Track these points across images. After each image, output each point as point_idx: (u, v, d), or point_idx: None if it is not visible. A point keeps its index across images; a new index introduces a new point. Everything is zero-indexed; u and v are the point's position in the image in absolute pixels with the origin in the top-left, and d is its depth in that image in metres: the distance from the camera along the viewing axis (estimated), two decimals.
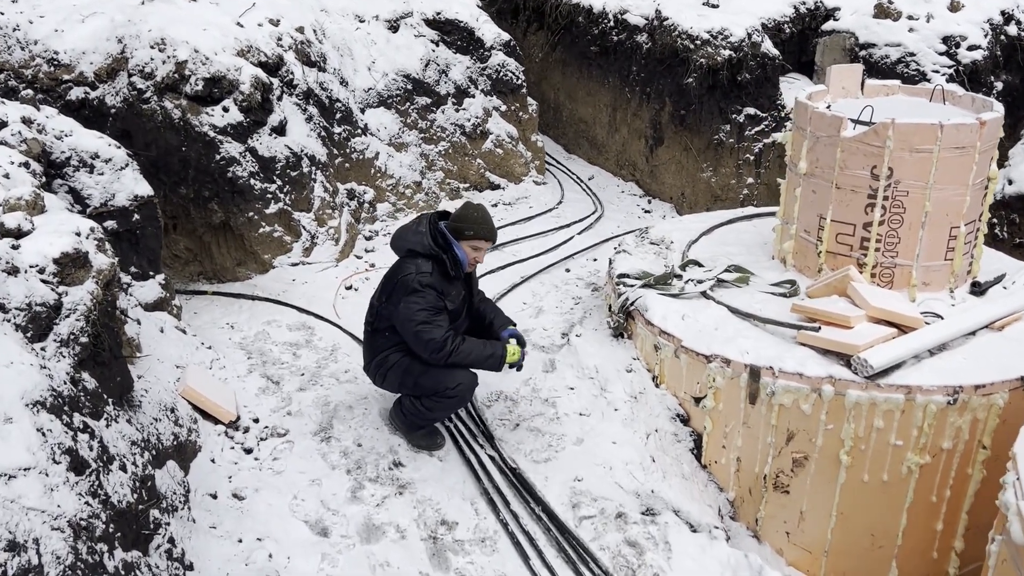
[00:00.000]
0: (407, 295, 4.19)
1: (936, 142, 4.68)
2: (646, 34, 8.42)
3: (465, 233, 4.28)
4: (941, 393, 4.22)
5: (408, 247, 4.31)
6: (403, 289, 4.21)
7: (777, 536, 4.73)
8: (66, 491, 2.33)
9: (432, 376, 4.30)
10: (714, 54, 7.71)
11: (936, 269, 5.01)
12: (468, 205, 4.37)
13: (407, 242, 4.32)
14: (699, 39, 7.80)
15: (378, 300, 4.46)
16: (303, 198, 6.48)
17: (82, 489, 2.46)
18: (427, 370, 4.32)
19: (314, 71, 7.04)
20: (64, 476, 2.38)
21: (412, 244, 4.28)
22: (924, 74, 7.59)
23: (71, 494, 2.35)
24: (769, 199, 7.88)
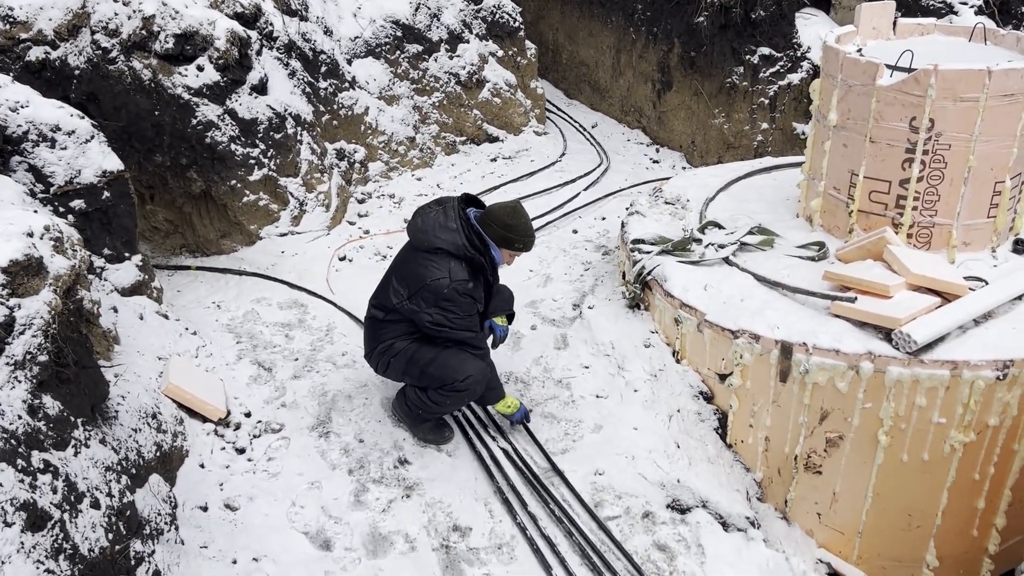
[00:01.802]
0: (440, 301, 3.80)
1: (983, 90, 4.25)
2: None
3: (515, 245, 3.93)
4: (990, 368, 3.90)
5: (437, 245, 3.81)
6: (434, 295, 3.79)
7: (808, 517, 4.47)
8: (20, 561, 1.99)
9: (440, 366, 3.94)
10: None
11: (978, 228, 4.63)
12: (514, 212, 3.90)
13: (436, 239, 3.81)
14: None
15: (395, 296, 3.95)
16: (289, 162, 6.03)
17: (42, 550, 2.12)
18: (435, 358, 3.95)
19: (295, 20, 6.50)
20: (17, 541, 2.04)
21: (443, 243, 3.79)
22: (951, 6, 7.06)
23: (27, 563, 2.01)
24: (784, 146, 7.43)
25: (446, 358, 3.95)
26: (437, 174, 7.38)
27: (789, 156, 6.48)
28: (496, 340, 4.31)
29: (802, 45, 7.39)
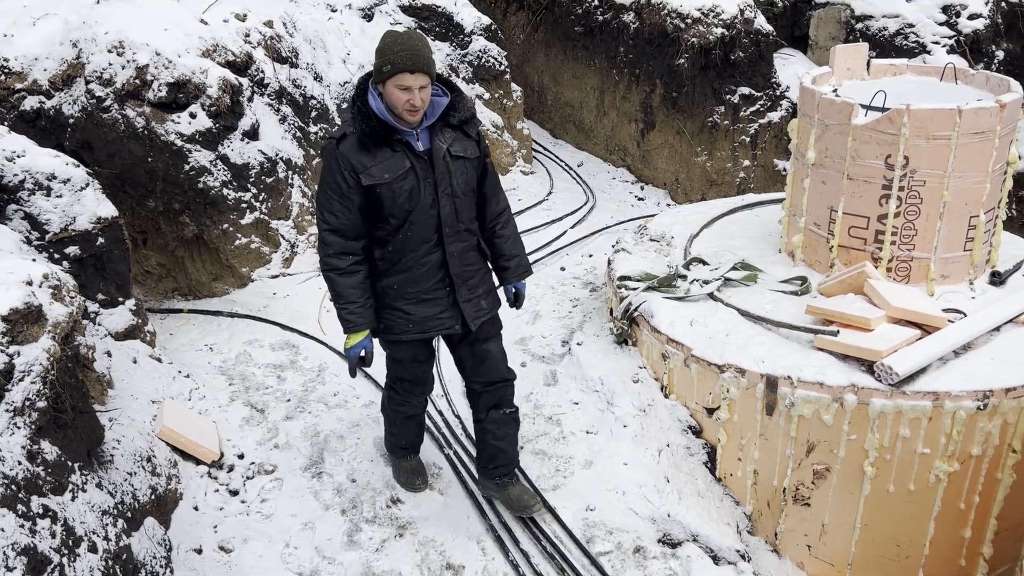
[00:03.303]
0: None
1: (954, 128, 4.39)
2: (633, 13, 8.05)
3: (383, 70, 3.01)
4: (971, 398, 3.98)
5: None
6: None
7: (798, 550, 4.51)
8: None
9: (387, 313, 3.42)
10: (706, 32, 7.37)
11: (955, 261, 4.74)
12: (385, 33, 3.13)
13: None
14: (689, 17, 7.45)
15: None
16: (280, 205, 6.12)
17: None
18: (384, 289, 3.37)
19: (286, 67, 6.64)
20: None
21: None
22: (924, 46, 7.30)
23: None
24: (766, 182, 7.59)
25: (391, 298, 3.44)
26: None
27: (771, 192, 6.62)
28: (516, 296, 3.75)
29: (781, 84, 7.59)
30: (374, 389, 4.96)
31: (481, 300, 3.51)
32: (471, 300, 3.46)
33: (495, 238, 3.57)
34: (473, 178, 3.36)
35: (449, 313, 3.43)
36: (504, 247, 3.58)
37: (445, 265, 3.32)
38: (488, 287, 3.57)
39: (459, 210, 3.30)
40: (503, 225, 3.57)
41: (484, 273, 3.55)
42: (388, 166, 3.11)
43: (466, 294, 3.43)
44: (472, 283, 3.46)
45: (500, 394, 3.75)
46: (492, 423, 3.76)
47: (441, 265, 3.32)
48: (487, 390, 3.72)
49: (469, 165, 3.31)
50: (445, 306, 3.42)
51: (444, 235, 3.27)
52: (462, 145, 3.28)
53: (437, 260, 3.31)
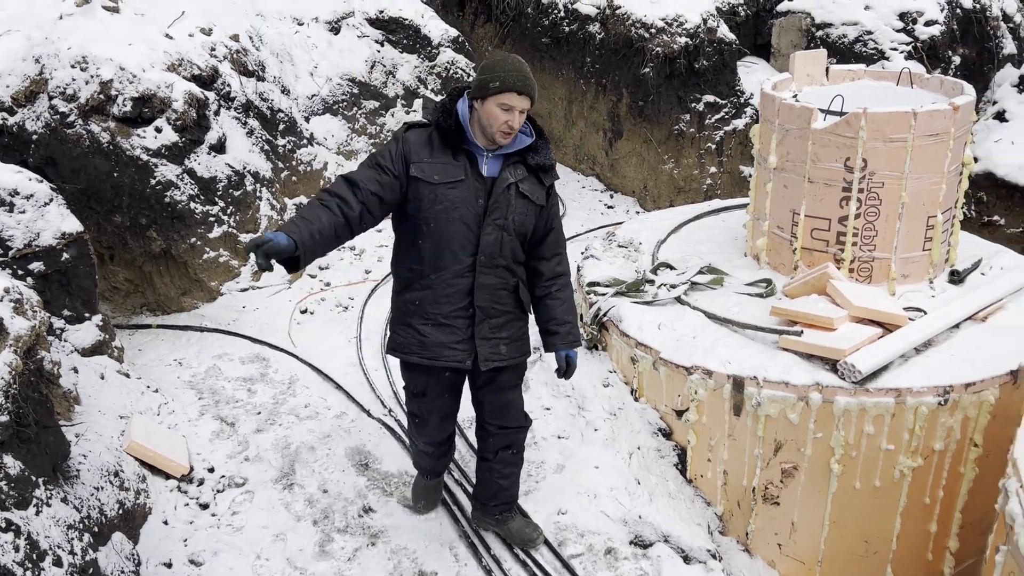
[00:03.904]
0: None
1: (910, 130, 4.50)
2: (598, 24, 8.15)
3: (489, 86, 2.97)
4: (932, 394, 4.06)
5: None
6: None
7: (768, 549, 4.55)
8: None
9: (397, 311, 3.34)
10: (670, 42, 7.47)
11: (915, 260, 4.84)
12: (492, 53, 3.23)
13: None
14: (653, 27, 7.56)
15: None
16: (249, 218, 6.11)
17: None
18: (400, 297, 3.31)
19: (252, 81, 6.64)
20: None
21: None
22: (883, 52, 7.46)
23: None
24: (732, 188, 7.70)
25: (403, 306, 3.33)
26: None
27: (736, 198, 6.72)
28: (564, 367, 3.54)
29: (745, 92, 7.71)
30: (345, 400, 4.96)
31: (501, 345, 3.33)
32: (490, 340, 3.28)
33: (549, 299, 3.40)
34: (530, 224, 3.22)
35: (464, 346, 3.25)
36: (557, 311, 3.41)
37: (472, 294, 3.17)
38: (514, 335, 3.38)
39: (503, 245, 3.16)
40: (560, 288, 3.42)
41: (513, 319, 3.36)
42: (443, 169, 3.05)
43: (486, 332, 3.26)
44: (496, 323, 3.28)
45: (512, 437, 3.65)
46: (499, 463, 3.66)
47: (468, 292, 3.17)
48: (501, 433, 3.60)
49: (531, 209, 3.19)
50: (461, 337, 3.24)
51: (479, 262, 3.14)
52: (531, 187, 3.17)
53: (465, 286, 3.17)
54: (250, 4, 7.39)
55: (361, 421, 4.75)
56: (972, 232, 5.95)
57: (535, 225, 3.26)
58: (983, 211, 6.97)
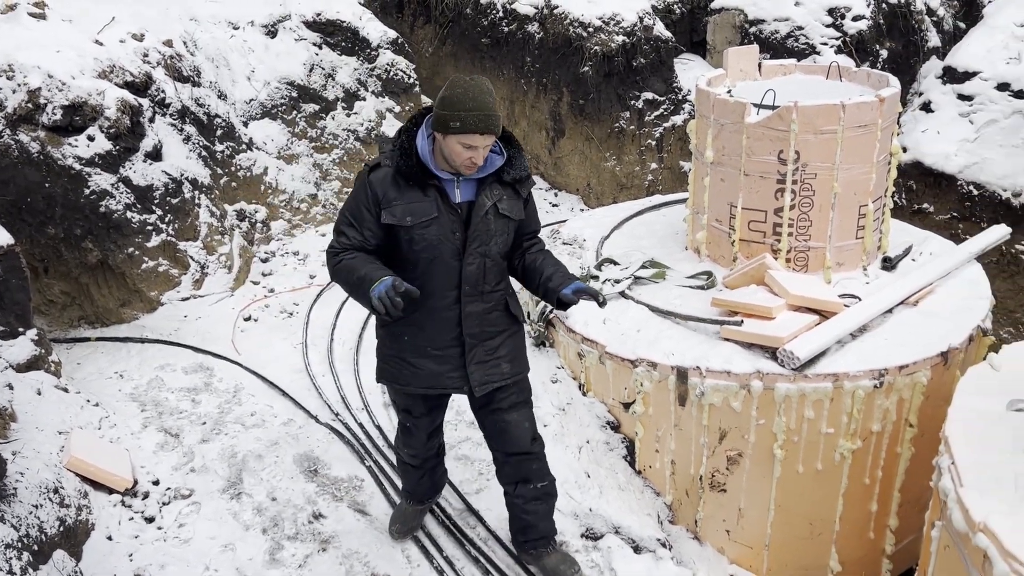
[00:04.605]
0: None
1: (839, 122, 4.63)
2: (537, 23, 8.20)
3: (449, 126, 2.80)
4: (867, 377, 4.19)
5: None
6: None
7: (717, 535, 4.65)
8: None
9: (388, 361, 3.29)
10: (607, 40, 7.56)
11: (848, 249, 4.99)
12: (454, 81, 2.87)
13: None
14: (591, 26, 7.63)
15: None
16: (188, 226, 6.00)
17: None
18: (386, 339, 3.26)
19: (188, 86, 6.53)
20: None
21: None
22: (814, 47, 7.65)
23: None
24: (674, 184, 7.82)
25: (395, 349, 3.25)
26: None
27: (677, 193, 6.83)
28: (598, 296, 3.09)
29: (682, 88, 7.84)
30: (292, 407, 4.91)
31: (503, 363, 3.22)
32: (486, 362, 3.18)
33: (529, 262, 3.23)
34: (511, 239, 3.14)
35: (459, 373, 3.17)
36: (545, 264, 3.21)
37: (461, 324, 3.09)
38: (513, 350, 3.28)
39: (487, 271, 3.07)
40: (539, 249, 3.30)
41: (510, 335, 3.26)
42: (413, 209, 2.92)
43: (481, 355, 3.16)
44: (491, 345, 3.18)
45: (525, 468, 3.45)
46: (520, 498, 3.51)
47: (457, 323, 3.09)
48: (508, 461, 3.44)
49: (512, 226, 3.11)
50: (455, 365, 3.16)
51: (463, 293, 3.05)
52: (510, 204, 3.06)
53: (454, 317, 3.09)
54: (183, 9, 7.25)
55: (309, 427, 4.71)
56: (903, 220, 6.15)
57: (517, 232, 3.18)
58: (913, 199, 7.20)
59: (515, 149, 3.09)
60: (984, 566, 2.82)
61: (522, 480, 3.47)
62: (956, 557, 3.09)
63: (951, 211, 7.04)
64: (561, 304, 3.11)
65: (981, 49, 7.21)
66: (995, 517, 2.84)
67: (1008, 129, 6.84)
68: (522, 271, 3.25)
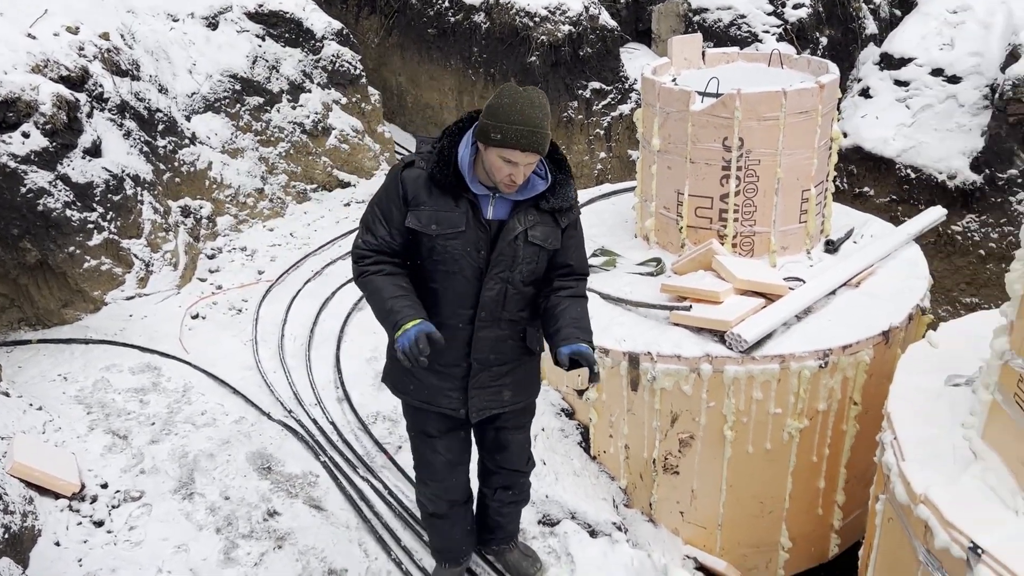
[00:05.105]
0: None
1: (781, 109, 4.71)
2: (483, 13, 8.19)
3: (491, 136, 2.57)
4: (813, 358, 4.28)
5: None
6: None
7: (671, 517, 4.73)
8: None
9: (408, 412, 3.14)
10: (554, 30, 7.58)
11: (792, 233, 5.09)
12: (503, 90, 2.63)
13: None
14: (537, 16, 7.65)
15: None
16: (131, 223, 5.87)
17: None
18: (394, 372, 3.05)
19: (127, 80, 6.37)
20: None
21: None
22: (756, 35, 7.78)
23: None
24: (622, 172, 7.89)
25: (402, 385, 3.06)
26: (290, 223, 7.36)
27: (626, 181, 6.89)
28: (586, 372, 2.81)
29: (629, 78, 7.90)
30: (244, 404, 4.85)
31: (504, 391, 3.03)
32: (488, 388, 2.98)
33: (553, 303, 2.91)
34: (541, 268, 2.88)
35: (458, 395, 2.97)
36: (563, 314, 2.88)
37: (470, 346, 2.88)
38: (520, 379, 3.07)
39: (508, 299, 2.84)
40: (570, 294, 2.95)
41: (519, 365, 3.04)
42: (441, 217, 2.71)
43: (485, 380, 2.96)
44: (499, 370, 2.98)
45: (513, 481, 3.39)
46: (497, 502, 3.45)
47: (466, 344, 2.88)
48: (500, 472, 3.34)
49: (543, 256, 2.86)
50: (456, 385, 2.96)
51: (478, 318, 2.83)
52: (544, 232, 2.81)
53: (464, 338, 2.87)
54: (120, 1, 7.07)
55: (261, 424, 4.66)
56: (845, 203, 6.30)
57: (551, 263, 2.92)
58: (854, 183, 7.38)
59: (564, 175, 2.83)
60: (926, 536, 2.91)
61: (504, 487, 3.40)
62: (899, 529, 3.19)
63: (890, 194, 7.23)
64: (557, 360, 2.82)
65: (916, 36, 7.41)
66: (935, 489, 2.94)
67: (942, 114, 7.05)
68: (543, 312, 2.93)
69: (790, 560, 4.80)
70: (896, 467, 3.23)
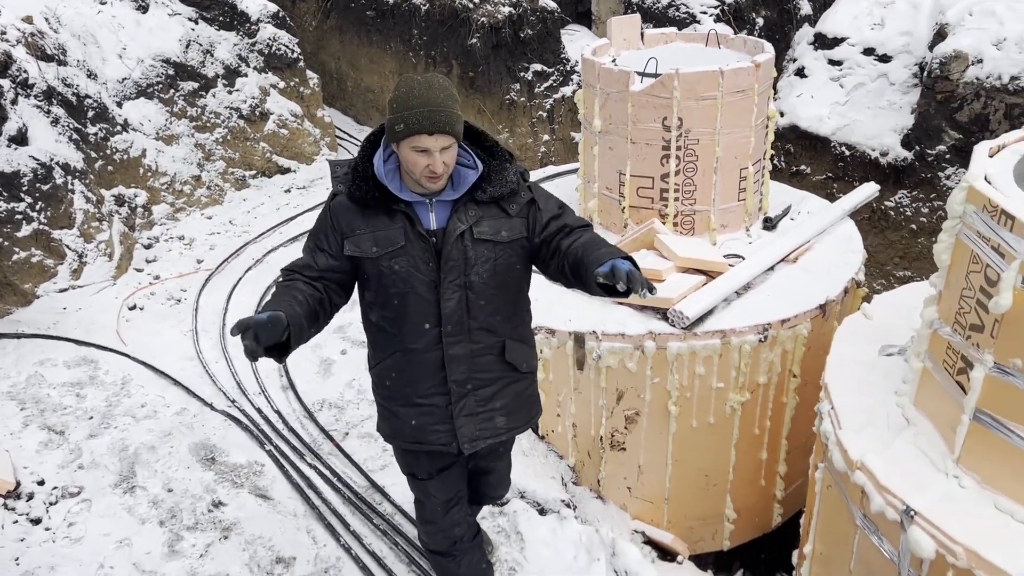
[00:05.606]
0: None
1: (718, 88, 4.77)
2: None
3: (395, 130, 2.39)
4: (753, 332, 4.36)
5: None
6: None
7: (619, 493, 4.79)
8: None
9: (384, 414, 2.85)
10: (494, 12, 7.54)
11: (732, 211, 5.17)
12: (400, 81, 2.47)
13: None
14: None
15: None
16: (62, 213, 5.69)
17: None
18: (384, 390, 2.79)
19: (53, 66, 6.15)
20: None
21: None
22: (694, 16, 7.85)
23: None
24: (566, 154, 7.91)
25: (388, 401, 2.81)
26: (229, 211, 7.22)
27: (570, 164, 6.92)
28: (627, 279, 2.40)
29: (570, 59, 7.91)
30: (185, 396, 4.76)
31: (497, 417, 2.76)
32: (477, 415, 2.73)
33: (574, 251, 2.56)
34: (507, 266, 2.60)
35: (444, 427, 2.71)
36: (586, 246, 2.56)
37: (445, 368, 2.64)
38: (513, 404, 2.80)
39: (471, 306, 2.58)
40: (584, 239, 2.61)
41: (509, 384, 2.78)
42: (379, 237, 2.49)
43: (472, 407, 2.71)
44: (484, 394, 2.72)
45: (488, 500, 3.29)
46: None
47: (440, 367, 2.63)
48: (475, 494, 3.16)
49: (503, 250, 2.57)
50: (439, 418, 2.70)
51: (445, 333, 2.58)
52: (493, 225, 2.55)
53: (435, 360, 2.62)
54: None
55: (204, 415, 4.58)
56: (783, 181, 6.43)
57: (545, 242, 2.63)
58: (791, 162, 7.53)
59: (499, 162, 2.59)
60: (862, 501, 3.01)
61: (474, 503, 3.25)
62: (837, 495, 3.29)
63: (826, 172, 7.40)
64: (605, 288, 2.48)
65: (848, 16, 7.57)
66: (870, 456, 3.04)
67: (874, 92, 7.22)
68: (571, 272, 2.56)
69: (735, 531, 4.91)
70: (833, 435, 3.32)
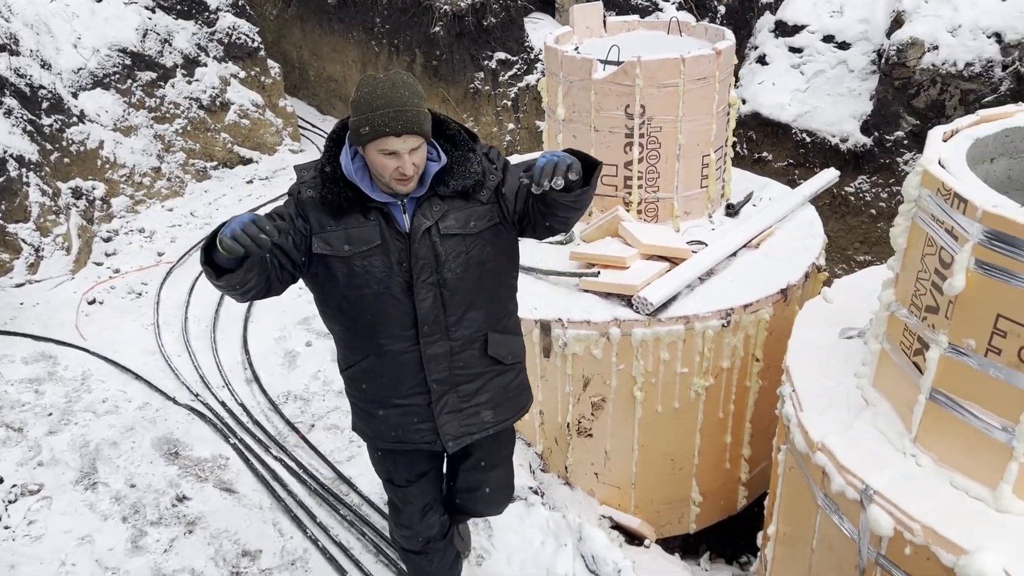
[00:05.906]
0: None
1: (680, 75, 4.79)
2: None
3: (360, 132, 2.25)
4: (716, 317, 4.41)
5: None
6: None
7: (587, 479, 4.82)
8: None
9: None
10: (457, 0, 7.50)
11: (694, 198, 5.21)
12: (362, 80, 2.30)
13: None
14: None
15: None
16: (16, 207, 5.57)
17: None
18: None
19: (5, 55, 6.00)
20: None
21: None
22: (656, 3, 7.88)
23: None
24: (531, 143, 7.91)
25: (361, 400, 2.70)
26: (190, 202, 7.12)
27: (535, 152, 6.92)
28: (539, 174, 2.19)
29: (534, 48, 7.90)
30: (147, 390, 4.70)
31: (483, 411, 2.65)
32: (461, 411, 2.62)
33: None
34: (481, 258, 2.49)
35: (427, 426, 2.60)
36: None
37: (424, 368, 2.53)
38: (499, 394, 2.68)
39: (447, 303, 2.47)
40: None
41: (494, 376, 2.66)
42: (352, 235, 2.37)
43: (455, 403, 2.60)
44: (467, 389, 2.61)
45: (486, 515, 3.14)
46: (461, 516, 3.12)
47: (419, 368, 2.52)
48: (469, 509, 3.02)
49: (475, 242, 2.46)
50: (422, 417, 2.59)
51: (422, 333, 2.47)
52: (461, 217, 2.43)
53: (413, 361, 2.51)
54: None
55: (167, 410, 4.53)
56: (745, 168, 6.48)
57: (508, 230, 2.55)
58: (753, 148, 7.60)
59: (462, 152, 2.44)
60: (823, 481, 3.06)
61: (469, 517, 3.15)
62: (800, 476, 3.34)
63: (787, 158, 7.48)
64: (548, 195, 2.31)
65: (807, 3, 7.64)
66: (831, 437, 3.08)
67: (834, 79, 7.31)
68: (542, 214, 2.46)
69: (701, 514, 4.97)
70: (795, 418, 3.36)
